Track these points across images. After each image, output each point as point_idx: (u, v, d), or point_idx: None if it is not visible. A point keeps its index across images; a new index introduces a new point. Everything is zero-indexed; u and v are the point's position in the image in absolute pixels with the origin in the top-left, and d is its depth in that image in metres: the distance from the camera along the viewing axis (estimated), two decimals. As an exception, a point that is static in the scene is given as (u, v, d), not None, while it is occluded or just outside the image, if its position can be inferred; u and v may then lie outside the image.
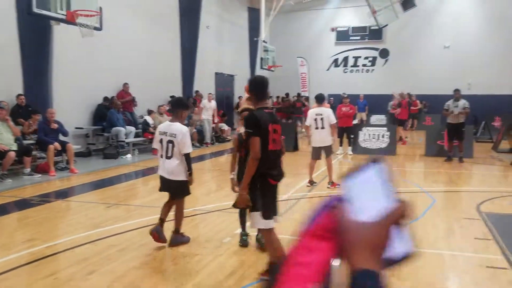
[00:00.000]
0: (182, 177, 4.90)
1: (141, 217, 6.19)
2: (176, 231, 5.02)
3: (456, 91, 12.25)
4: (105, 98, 13.29)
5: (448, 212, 6.60)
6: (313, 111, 8.44)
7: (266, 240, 4.00)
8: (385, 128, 14.06)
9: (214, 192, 8.36)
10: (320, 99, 8.65)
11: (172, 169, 4.84)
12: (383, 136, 13.65)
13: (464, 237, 5.41)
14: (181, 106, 5.07)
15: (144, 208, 6.84)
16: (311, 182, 8.51)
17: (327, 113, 8.36)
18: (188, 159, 4.88)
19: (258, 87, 4.01)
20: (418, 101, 23.17)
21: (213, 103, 16.22)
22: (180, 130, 4.81)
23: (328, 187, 8.28)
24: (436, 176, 10.01)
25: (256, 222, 3.86)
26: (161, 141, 4.87)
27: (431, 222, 6.01)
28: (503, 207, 7.03)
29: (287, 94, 24.62)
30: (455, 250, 4.94)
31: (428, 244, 5.12)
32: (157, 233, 4.88)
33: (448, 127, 12.35)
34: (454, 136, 12.09)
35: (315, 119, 8.26)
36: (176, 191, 5.00)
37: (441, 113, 13.61)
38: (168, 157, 4.83)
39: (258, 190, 3.77)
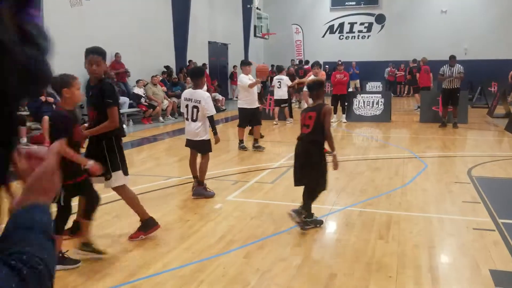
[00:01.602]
0: (205, 137, 5.55)
1: (136, 185, 6.22)
2: (200, 183, 5.61)
3: (452, 58, 12.18)
4: None
5: (439, 177, 6.68)
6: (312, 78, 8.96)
7: (129, 197, 4.25)
8: (380, 95, 14.04)
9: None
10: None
11: (197, 131, 5.49)
12: (377, 103, 13.64)
13: (453, 201, 5.50)
14: (200, 75, 5.63)
15: (139, 177, 6.88)
16: None
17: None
18: (212, 121, 5.50)
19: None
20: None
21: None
22: (202, 96, 5.40)
23: None
24: (429, 142, 10.07)
25: (118, 180, 4.10)
26: (186, 106, 5.49)
27: (421, 186, 6.10)
28: (494, 171, 7.12)
29: (300, 61, 23.21)
30: (443, 213, 5.03)
31: (417, 208, 5.22)
32: (195, 192, 5.61)
33: (443, 92, 12.35)
34: (449, 101, 12.10)
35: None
36: (200, 148, 5.67)
37: (437, 79, 13.56)
38: (193, 120, 5.47)
39: (116, 149, 4.06)
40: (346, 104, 13.60)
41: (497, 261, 3.72)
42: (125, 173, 4.19)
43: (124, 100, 12.85)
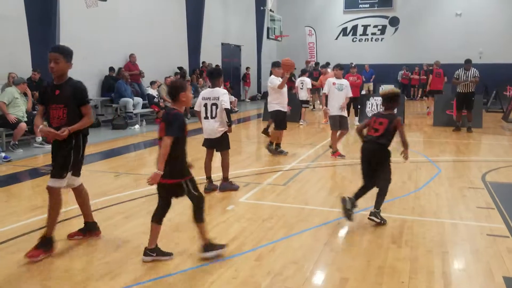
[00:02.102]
0: (223, 129, 5.85)
1: (148, 186, 6.28)
2: (225, 179, 6.00)
3: (467, 62, 12.05)
4: (111, 69, 13.29)
5: (453, 181, 6.61)
6: (332, 80, 8.47)
7: (57, 202, 4.11)
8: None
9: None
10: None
11: (215, 128, 5.80)
12: (390, 106, 13.52)
13: (467, 206, 5.44)
14: (217, 75, 5.95)
15: (151, 177, 6.94)
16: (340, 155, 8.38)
17: (347, 84, 8.53)
18: (228, 113, 5.75)
19: None
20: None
21: None
22: (221, 93, 5.76)
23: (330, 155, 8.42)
24: (443, 146, 9.97)
25: (71, 180, 4.15)
26: (205, 105, 5.78)
27: (435, 191, 6.05)
28: (509, 176, 7.03)
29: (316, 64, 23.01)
30: (457, 218, 4.98)
31: (430, 213, 5.17)
32: (210, 190, 5.93)
33: (457, 96, 12.23)
34: (463, 105, 11.98)
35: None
36: (219, 145, 5.93)
37: (451, 83, 13.43)
38: (212, 117, 5.77)
39: (81, 149, 4.13)
40: (359, 106, 13.54)
41: (511, 268, 3.67)
42: (77, 174, 4.23)
43: (137, 100, 12.97)
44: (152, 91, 13.65)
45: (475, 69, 11.97)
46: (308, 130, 12.65)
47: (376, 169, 4.78)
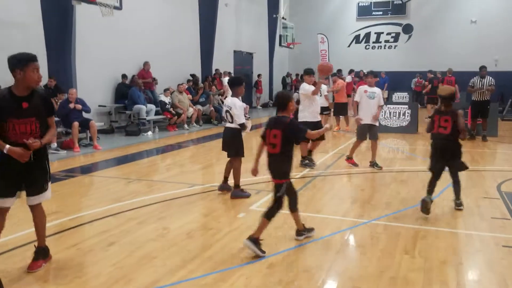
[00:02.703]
0: (235, 129, 6.08)
1: (161, 192, 6.34)
2: (236, 186, 6.12)
3: (483, 68, 11.94)
4: (124, 76, 13.40)
5: (467, 191, 6.51)
6: (364, 87, 8.15)
7: (43, 215, 3.96)
8: (407, 106, 13.84)
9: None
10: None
11: (229, 130, 6.14)
12: (404, 114, 13.46)
13: (482, 216, 5.37)
14: (237, 84, 6.18)
15: (164, 183, 7.00)
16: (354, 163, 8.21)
17: (379, 92, 8.10)
18: (240, 125, 6.03)
19: None
20: (453, 78, 22.54)
21: (225, 79, 16.15)
22: (234, 103, 6.02)
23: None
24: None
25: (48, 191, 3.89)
26: (225, 111, 6.17)
27: (449, 201, 5.96)
28: (524, 186, 6.92)
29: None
30: (471, 229, 4.92)
31: (445, 223, 5.11)
32: (222, 189, 6.23)
33: (472, 105, 12.10)
34: (478, 113, 11.84)
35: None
36: (229, 149, 6.15)
37: (466, 91, 13.30)
38: (230, 123, 6.10)
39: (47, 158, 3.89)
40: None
41: (527, 281, 3.61)
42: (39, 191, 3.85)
43: (150, 107, 13.08)
44: (165, 98, 13.74)
45: (490, 77, 11.85)
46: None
47: (450, 162, 5.49)
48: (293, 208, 4.43)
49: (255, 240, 4.10)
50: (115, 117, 13.14)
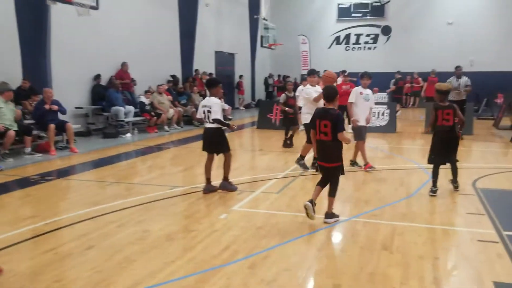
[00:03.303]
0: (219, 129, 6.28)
1: (140, 195, 6.29)
2: (225, 179, 6.39)
3: (458, 67, 12.19)
4: (97, 76, 13.17)
5: (444, 188, 6.64)
6: (358, 89, 8.06)
7: None
8: (385, 106, 14.04)
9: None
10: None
11: (212, 129, 6.25)
12: (383, 114, 13.65)
13: (458, 212, 5.49)
14: (213, 85, 6.41)
15: (144, 185, 6.94)
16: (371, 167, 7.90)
17: (371, 94, 8.07)
18: (218, 122, 6.18)
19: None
20: (420, 79, 23.04)
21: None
22: (213, 101, 6.23)
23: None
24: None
25: None
26: (203, 112, 6.26)
27: (426, 198, 6.09)
28: (499, 183, 7.09)
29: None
30: (447, 224, 5.02)
31: (422, 219, 5.21)
32: (208, 191, 6.26)
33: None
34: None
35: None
36: (218, 146, 6.34)
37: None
38: (210, 122, 6.21)
39: None
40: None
41: (501, 274, 3.70)
42: None
43: (129, 109, 12.95)
44: (145, 99, 13.62)
45: (466, 78, 12.09)
46: (302, 137, 12.67)
47: (451, 150, 6.24)
48: (333, 194, 5.04)
49: (330, 214, 5.02)
50: (92, 119, 12.97)
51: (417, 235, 4.62)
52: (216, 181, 6.60)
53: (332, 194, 5.04)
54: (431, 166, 6.40)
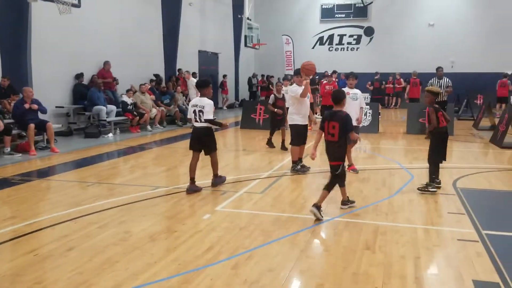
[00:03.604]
0: (208, 128, 6.44)
1: (122, 195, 6.22)
2: (215, 176, 6.67)
3: (439, 69, 12.37)
4: (78, 75, 13.00)
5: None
6: (345, 90, 7.94)
7: None
8: (368, 106, 14.14)
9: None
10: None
11: (202, 128, 6.38)
12: (365, 115, 13.74)
13: (438, 212, 5.57)
14: (205, 86, 6.53)
15: (126, 186, 6.87)
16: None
17: (360, 93, 8.03)
18: (211, 122, 6.40)
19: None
20: (402, 80, 23.37)
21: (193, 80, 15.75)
22: (205, 102, 6.36)
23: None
24: (416, 153, 10.17)
25: None
26: (194, 111, 6.35)
27: (408, 197, 6.16)
28: (479, 182, 7.22)
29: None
30: (429, 224, 5.09)
31: (403, 218, 5.27)
32: (190, 190, 6.28)
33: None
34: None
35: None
36: (207, 146, 6.46)
37: (424, 91, 13.75)
38: (201, 122, 6.34)
39: None
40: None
41: (480, 272, 3.77)
42: None
43: (111, 108, 12.82)
44: (127, 99, 13.47)
45: (447, 78, 12.28)
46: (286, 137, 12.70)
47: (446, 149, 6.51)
48: (342, 184, 5.48)
49: (318, 207, 5.11)
50: (74, 118, 12.79)
51: (399, 235, 4.67)
52: (199, 181, 6.59)
53: (342, 184, 5.50)
54: (413, 166, 6.48)
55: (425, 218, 5.33)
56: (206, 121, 6.30)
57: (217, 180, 6.71)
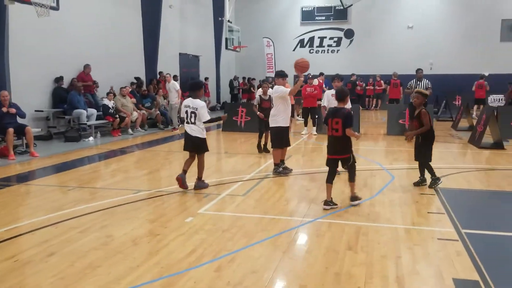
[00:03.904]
0: (201, 135, 6.59)
1: (103, 199, 6.16)
2: (199, 179, 6.75)
3: (419, 70, 12.57)
4: (58, 78, 12.81)
5: (406, 188, 6.85)
6: (330, 92, 7.97)
7: None
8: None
9: (178, 173, 8.33)
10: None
11: (194, 130, 6.55)
12: (346, 116, 13.87)
13: (419, 211, 5.65)
14: (197, 88, 6.73)
15: (107, 190, 6.79)
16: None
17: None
18: (209, 121, 6.68)
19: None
20: (382, 81, 23.67)
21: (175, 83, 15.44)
22: (199, 104, 6.54)
23: None
24: (396, 154, 10.32)
25: None
26: (186, 112, 6.56)
27: (389, 198, 6.25)
28: (458, 182, 7.36)
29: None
30: (409, 224, 5.17)
31: (385, 219, 5.34)
32: (182, 179, 6.50)
33: (410, 106, 12.66)
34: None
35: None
36: (197, 147, 6.64)
37: (404, 93, 13.95)
38: (192, 123, 6.54)
39: None
40: (316, 116, 13.79)
41: (460, 270, 3.84)
42: None
43: (91, 112, 12.66)
44: (108, 102, 13.33)
45: (427, 80, 12.48)
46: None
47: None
48: (352, 179, 5.83)
49: (352, 198, 5.80)
50: (54, 122, 12.59)
51: (380, 235, 4.73)
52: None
53: (351, 179, 5.83)
54: (393, 166, 6.58)
55: (405, 218, 5.41)
56: (205, 122, 6.58)
57: (200, 184, 6.73)
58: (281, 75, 7.88)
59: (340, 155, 5.77)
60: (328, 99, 7.91)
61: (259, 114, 9.81)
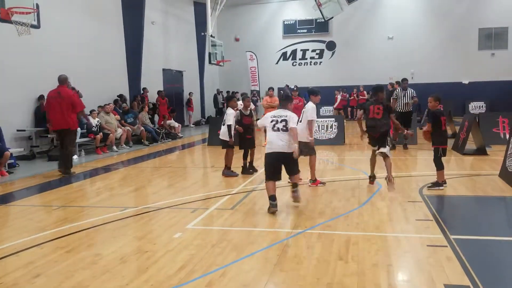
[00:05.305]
0: (226, 138, 8.82)
1: (90, 218, 6.05)
2: (227, 168, 8.90)
3: (404, 80, 12.74)
4: (40, 97, 12.65)
5: (393, 197, 6.88)
6: (313, 106, 7.81)
7: None
8: (333, 119, 14.42)
9: (165, 189, 8.27)
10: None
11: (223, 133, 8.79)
12: (331, 127, 13.99)
13: (407, 219, 5.68)
14: (230, 98, 9.37)
15: (93, 208, 6.69)
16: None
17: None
18: (228, 128, 8.77)
19: None
20: (365, 92, 23.94)
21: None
22: (229, 112, 8.83)
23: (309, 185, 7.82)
24: (382, 163, 10.33)
25: None
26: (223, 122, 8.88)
27: (377, 207, 6.27)
28: (444, 189, 7.41)
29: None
30: (398, 231, 5.18)
31: (374, 227, 5.34)
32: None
33: (396, 115, 12.77)
34: (402, 124, 12.51)
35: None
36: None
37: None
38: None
39: None
40: (301, 128, 13.81)
41: (450, 276, 3.85)
42: None
43: (75, 130, 12.47)
44: (93, 120, 13.18)
45: (412, 89, 12.66)
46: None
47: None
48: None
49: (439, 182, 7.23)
50: (36, 141, 12.40)
51: (370, 244, 4.73)
52: (186, 196, 6.47)
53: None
54: (380, 175, 6.62)
55: (394, 226, 5.42)
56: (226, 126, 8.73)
57: (228, 172, 8.94)
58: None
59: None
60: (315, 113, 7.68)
61: (238, 128, 8.96)
